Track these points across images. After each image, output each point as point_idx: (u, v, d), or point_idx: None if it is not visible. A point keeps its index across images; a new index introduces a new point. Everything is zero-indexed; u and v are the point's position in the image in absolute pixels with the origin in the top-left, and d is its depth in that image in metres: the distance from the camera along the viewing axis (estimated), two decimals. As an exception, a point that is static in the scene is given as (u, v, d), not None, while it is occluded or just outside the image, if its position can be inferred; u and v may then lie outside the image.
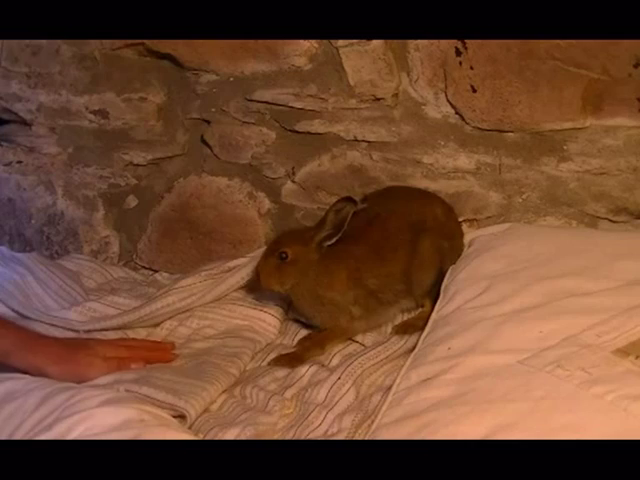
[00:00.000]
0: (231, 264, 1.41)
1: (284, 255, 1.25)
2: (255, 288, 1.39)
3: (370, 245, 1.28)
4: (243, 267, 1.39)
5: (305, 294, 1.28)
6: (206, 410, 1.11)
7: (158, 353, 1.25)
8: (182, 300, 1.34)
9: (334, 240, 1.25)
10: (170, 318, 1.34)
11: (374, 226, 1.29)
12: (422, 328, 1.25)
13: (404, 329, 1.28)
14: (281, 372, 1.21)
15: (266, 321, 1.34)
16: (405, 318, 1.34)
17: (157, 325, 1.34)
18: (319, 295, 1.27)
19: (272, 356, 1.27)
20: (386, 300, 1.29)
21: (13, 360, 1.12)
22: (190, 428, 1.06)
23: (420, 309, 1.33)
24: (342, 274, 1.27)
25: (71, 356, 1.14)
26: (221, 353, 1.24)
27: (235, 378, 1.18)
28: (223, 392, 1.16)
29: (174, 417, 1.05)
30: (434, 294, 1.27)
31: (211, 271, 1.40)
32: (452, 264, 1.29)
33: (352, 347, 1.27)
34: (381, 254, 1.28)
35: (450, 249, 1.32)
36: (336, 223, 1.24)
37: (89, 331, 1.29)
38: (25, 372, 1.10)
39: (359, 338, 1.29)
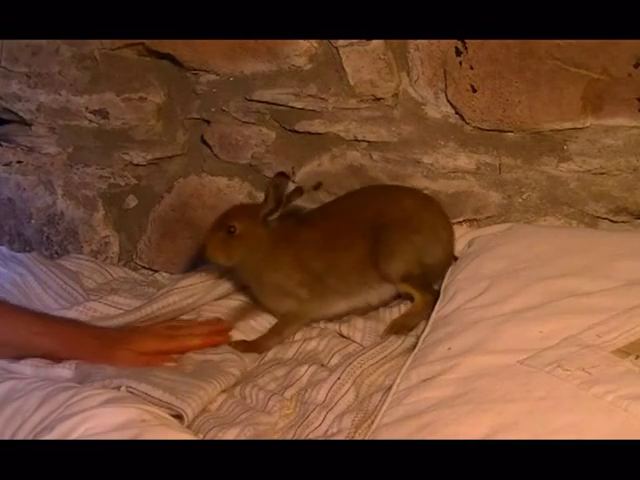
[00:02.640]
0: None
1: (232, 229, 1.27)
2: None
3: (322, 232, 1.30)
4: None
5: (252, 272, 1.30)
6: (205, 410, 1.11)
7: (206, 340, 1.27)
8: (183, 300, 1.35)
9: (276, 215, 1.27)
10: (171, 318, 1.34)
11: (332, 217, 1.32)
12: (414, 326, 1.27)
13: (395, 329, 1.28)
14: (280, 371, 1.21)
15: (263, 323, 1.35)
16: (388, 309, 1.35)
17: (157, 325, 1.34)
18: (263, 276, 1.29)
19: (271, 356, 1.27)
20: (337, 289, 1.29)
21: (58, 357, 1.18)
22: (190, 428, 1.06)
23: (409, 303, 1.33)
24: (287, 256, 1.28)
25: (107, 350, 1.20)
26: (219, 352, 1.24)
27: (235, 378, 1.18)
28: (223, 392, 1.16)
29: (172, 415, 1.05)
30: (422, 284, 1.28)
31: (211, 271, 1.40)
32: (433, 257, 1.30)
33: (352, 347, 1.27)
34: (331, 242, 1.29)
35: (426, 241, 1.31)
36: (276, 198, 1.26)
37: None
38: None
39: (358, 338, 1.29)
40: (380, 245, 1.29)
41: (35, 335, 1.18)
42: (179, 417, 1.06)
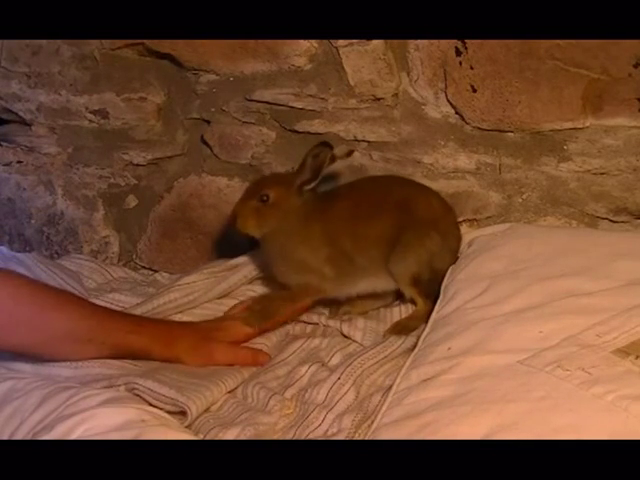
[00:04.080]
0: (233, 262, 1.42)
1: (265, 197, 1.24)
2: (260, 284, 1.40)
3: (352, 206, 1.28)
4: (245, 265, 1.40)
5: (278, 245, 1.27)
6: (206, 410, 1.11)
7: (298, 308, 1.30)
8: (184, 297, 1.35)
9: (312, 185, 1.24)
10: (171, 315, 1.35)
11: (362, 192, 1.29)
12: (415, 328, 1.26)
13: (397, 330, 1.28)
14: (282, 370, 1.21)
15: None
16: (389, 310, 1.34)
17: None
18: (291, 249, 1.26)
19: (275, 352, 1.27)
20: (360, 265, 1.28)
21: (153, 356, 1.19)
22: (190, 428, 1.06)
23: (409, 305, 1.33)
24: (317, 229, 1.26)
25: (204, 344, 1.22)
26: None
27: (242, 379, 1.19)
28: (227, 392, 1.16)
29: (174, 413, 1.05)
30: (427, 291, 1.27)
31: (213, 269, 1.41)
32: (443, 263, 1.28)
33: (352, 347, 1.27)
34: (361, 216, 1.27)
35: (442, 247, 1.30)
36: (314, 168, 1.24)
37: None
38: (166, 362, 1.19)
39: (358, 338, 1.29)
40: (401, 238, 1.27)
41: (130, 334, 1.18)
42: (182, 414, 1.07)
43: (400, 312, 1.35)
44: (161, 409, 1.05)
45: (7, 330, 1.08)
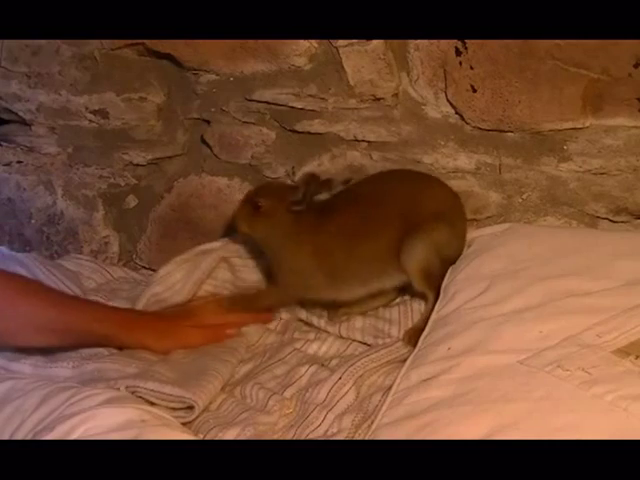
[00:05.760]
0: (202, 248, 1.42)
1: (258, 205, 1.29)
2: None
3: (348, 221, 1.29)
4: (214, 250, 1.40)
5: (273, 251, 1.32)
6: (206, 409, 1.12)
7: (257, 316, 1.34)
8: (167, 290, 1.35)
9: (299, 208, 1.27)
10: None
11: (360, 204, 1.30)
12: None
13: (413, 340, 1.22)
14: (280, 370, 1.21)
15: None
16: (388, 308, 1.35)
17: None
18: (283, 256, 1.31)
19: (272, 352, 1.27)
20: (356, 276, 1.30)
21: (118, 342, 1.22)
22: (190, 428, 1.06)
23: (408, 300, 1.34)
24: (310, 244, 1.29)
25: (170, 329, 1.25)
26: (217, 345, 1.26)
27: (233, 366, 1.20)
28: (223, 392, 1.16)
29: (182, 409, 1.07)
30: (438, 283, 1.26)
31: (183, 256, 1.40)
32: (452, 251, 1.29)
33: (353, 347, 1.27)
34: (356, 231, 1.29)
35: (450, 236, 1.31)
36: (304, 194, 1.27)
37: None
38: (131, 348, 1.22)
39: (358, 337, 1.28)
40: (410, 233, 1.28)
41: (96, 321, 1.20)
42: (189, 408, 1.08)
43: (399, 311, 1.34)
44: (165, 407, 1.06)
45: None
